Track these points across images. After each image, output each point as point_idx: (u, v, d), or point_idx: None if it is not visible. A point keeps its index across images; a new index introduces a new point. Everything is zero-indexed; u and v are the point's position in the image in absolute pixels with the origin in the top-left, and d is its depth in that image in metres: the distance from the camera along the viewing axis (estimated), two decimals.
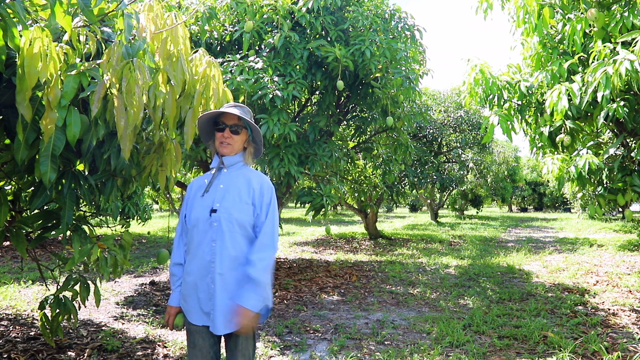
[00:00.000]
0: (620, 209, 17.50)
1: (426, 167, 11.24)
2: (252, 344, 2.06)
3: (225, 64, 4.88)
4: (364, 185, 9.05)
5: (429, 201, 19.29)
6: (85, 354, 3.59)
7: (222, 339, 2.09)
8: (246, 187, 2.04)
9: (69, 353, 3.62)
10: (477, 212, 27.53)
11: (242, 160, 2.13)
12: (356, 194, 9.65)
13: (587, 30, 4.01)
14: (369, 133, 7.34)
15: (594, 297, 5.63)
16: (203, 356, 2.01)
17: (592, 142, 4.64)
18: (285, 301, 5.49)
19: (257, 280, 1.91)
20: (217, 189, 2.05)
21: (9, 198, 2.75)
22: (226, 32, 5.42)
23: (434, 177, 11.74)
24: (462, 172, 13.61)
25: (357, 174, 9.22)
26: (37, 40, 1.83)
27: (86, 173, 2.62)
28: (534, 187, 32.12)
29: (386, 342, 4.02)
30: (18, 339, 3.86)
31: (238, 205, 2.00)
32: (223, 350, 2.49)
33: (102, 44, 2.28)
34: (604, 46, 3.63)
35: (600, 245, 10.74)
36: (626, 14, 3.69)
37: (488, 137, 4.52)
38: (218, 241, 1.97)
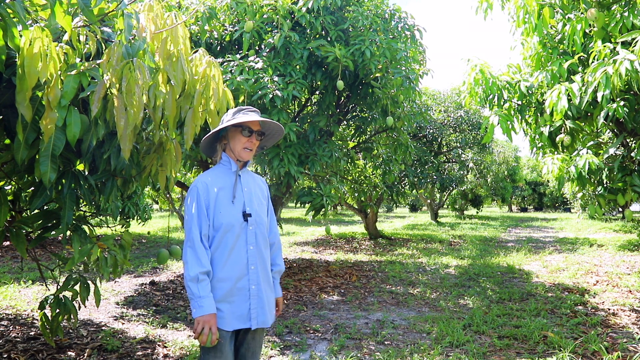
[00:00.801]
0: (620, 209, 17.50)
1: (426, 167, 11.24)
2: (264, 333, 2.24)
3: (225, 64, 4.88)
4: (364, 185, 9.05)
5: (429, 201, 19.29)
6: (85, 354, 3.59)
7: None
8: (259, 189, 2.21)
9: (69, 353, 3.62)
10: (477, 212, 27.53)
11: (249, 164, 2.24)
12: (356, 194, 9.65)
13: (587, 30, 4.01)
14: (369, 133, 7.33)
15: (594, 297, 5.63)
16: (227, 359, 2.03)
17: (592, 142, 4.64)
18: (285, 301, 5.49)
19: (280, 276, 2.29)
20: (242, 192, 2.10)
21: (9, 198, 2.75)
22: (226, 32, 5.42)
23: (434, 177, 11.74)
24: (462, 172, 13.61)
25: (357, 174, 9.22)
26: (37, 40, 1.83)
27: (86, 173, 2.62)
28: (534, 187, 32.11)
29: (386, 342, 4.02)
30: (18, 339, 3.87)
31: (262, 207, 2.16)
32: None
33: (102, 44, 2.28)
34: (604, 46, 3.63)
35: (600, 245, 10.74)
36: (626, 14, 3.69)
37: (488, 137, 4.52)
38: (255, 244, 2.08)
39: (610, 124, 4.58)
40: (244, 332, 2.10)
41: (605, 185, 4.51)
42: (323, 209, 5.59)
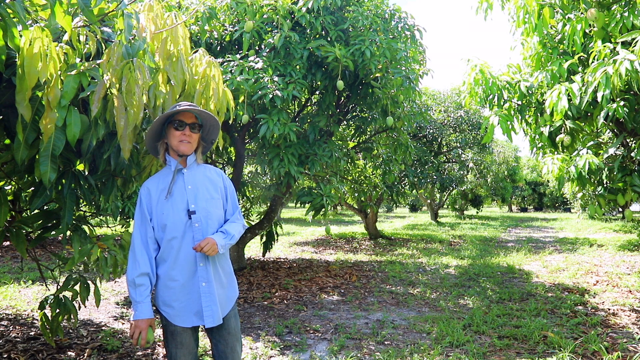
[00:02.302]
0: (620, 209, 17.50)
1: (426, 167, 11.24)
2: (239, 325, 2.22)
3: (225, 64, 4.88)
4: (364, 185, 9.04)
5: (429, 201, 19.29)
6: (85, 354, 3.59)
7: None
8: (211, 184, 2.14)
9: (69, 353, 3.62)
10: (477, 212, 27.53)
11: (196, 159, 2.16)
12: (356, 194, 9.65)
13: (587, 30, 4.01)
14: (369, 133, 7.34)
15: (594, 297, 5.63)
16: (190, 352, 2.11)
17: (592, 142, 4.64)
18: (285, 301, 5.49)
19: (229, 234, 2.09)
20: (184, 190, 2.07)
21: (9, 198, 2.75)
22: (226, 32, 5.42)
23: (434, 177, 11.73)
24: (462, 172, 13.61)
25: (357, 174, 9.22)
26: (37, 40, 1.83)
27: (86, 173, 2.62)
28: (534, 187, 32.11)
29: (386, 342, 4.02)
30: (18, 339, 3.86)
31: (211, 202, 2.10)
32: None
33: (102, 44, 2.28)
34: (604, 46, 3.63)
35: (600, 245, 10.74)
36: (626, 14, 3.69)
37: (488, 137, 4.52)
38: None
39: (610, 124, 4.59)
40: (218, 327, 2.12)
41: (605, 185, 4.51)
42: (323, 209, 5.59)
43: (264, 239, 7.54)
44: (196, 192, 2.08)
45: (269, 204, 7.14)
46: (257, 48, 5.38)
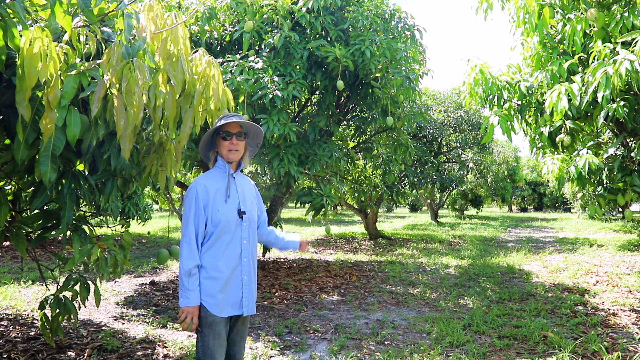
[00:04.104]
0: (620, 209, 17.50)
1: (426, 167, 11.24)
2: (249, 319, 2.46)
3: (225, 64, 4.88)
4: (364, 185, 9.04)
5: (429, 201, 19.29)
6: (85, 354, 3.59)
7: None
8: (251, 190, 2.43)
9: (69, 353, 3.62)
10: (477, 212, 27.52)
11: (244, 164, 2.40)
12: (356, 194, 9.65)
13: (587, 30, 4.00)
14: (369, 133, 7.33)
15: (594, 297, 5.63)
16: (223, 342, 2.25)
17: (592, 142, 4.64)
18: (285, 301, 5.49)
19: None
20: (237, 192, 2.30)
21: (9, 198, 2.75)
22: (226, 32, 5.42)
23: (434, 177, 11.73)
24: (462, 172, 13.60)
25: (357, 174, 9.22)
26: (37, 40, 1.83)
27: (86, 173, 2.62)
28: (534, 187, 32.10)
29: (386, 342, 4.02)
30: (18, 339, 3.86)
31: (253, 206, 2.38)
32: None
33: (102, 44, 2.28)
34: (604, 46, 3.63)
35: (600, 245, 10.74)
36: (626, 14, 3.69)
37: (488, 137, 4.52)
38: (248, 238, 2.30)
39: (610, 124, 4.58)
40: (235, 318, 2.31)
41: (605, 185, 4.51)
42: (323, 209, 5.59)
43: None
44: (244, 196, 2.33)
45: (269, 204, 7.14)
46: (257, 48, 5.38)
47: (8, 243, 8.78)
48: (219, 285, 2.19)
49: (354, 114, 6.79)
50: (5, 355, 3.44)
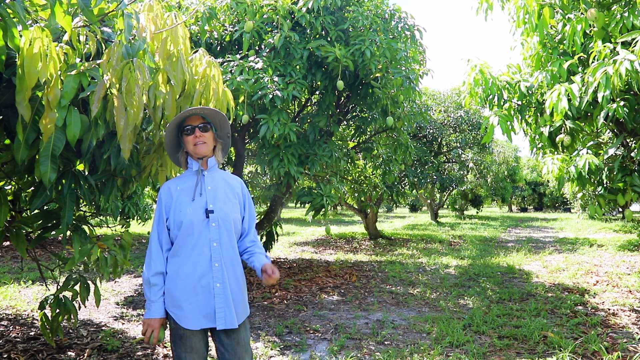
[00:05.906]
0: (620, 209, 17.50)
1: (426, 167, 11.23)
2: (249, 338, 2.14)
3: (225, 64, 4.87)
4: (364, 185, 9.04)
5: (429, 201, 19.29)
6: (85, 354, 3.59)
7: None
8: (229, 188, 2.18)
9: (69, 353, 3.62)
10: (477, 212, 27.52)
11: (217, 163, 2.20)
12: (356, 194, 9.65)
13: (587, 30, 4.00)
14: (369, 133, 7.33)
15: (594, 297, 5.63)
16: (200, 357, 2.06)
17: (592, 142, 4.63)
18: (285, 301, 5.49)
19: (266, 255, 2.18)
20: (204, 190, 2.09)
21: (9, 198, 2.75)
22: (226, 32, 5.42)
23: (434, 177, 11.73)
24: (462, 172, 13.60)
25: (357, 174, 9.21)
26: (37, 40, 1.83)
27: (86, 173, 2.62)
28: (534, 187, 32.09)
29: (386, 342, 4.02)
30: (18, 339, 3.86)
31: (229, 204, 2.12)
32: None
33: (102, 44, 2.28)
34: (604, 46, 3.63)
35: (600, 245, 10.74)
36: (626, 14, 3.68)
37: (488, 137, 4.52)
38: (219, 240, 2.05)
39: (610, 124, 4.58)
40: (222, 331, 2.04)
41: (605, 185, 4.51)
42: (323, 209, 5.58)
43: (264, 239, 7.53)
44: (215, 194, 2.10)
45: (268, 204, 7.14)
46: (257, 48, 5.37)
47: (8, 243, 8.78)
48: (184, 294, 1.99)
49: (354, 114, 6.79)
50: (5, 356, 3.44)
